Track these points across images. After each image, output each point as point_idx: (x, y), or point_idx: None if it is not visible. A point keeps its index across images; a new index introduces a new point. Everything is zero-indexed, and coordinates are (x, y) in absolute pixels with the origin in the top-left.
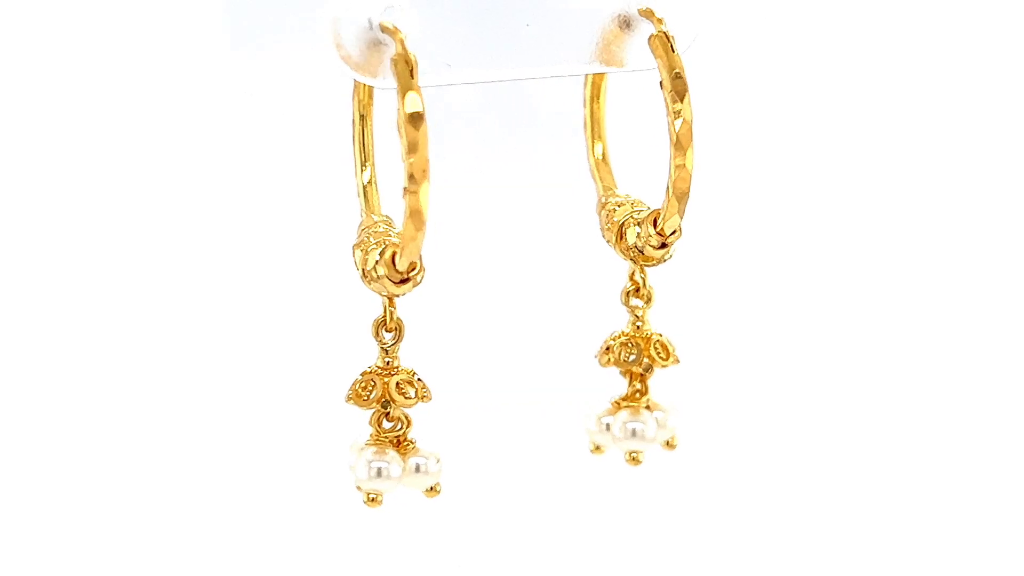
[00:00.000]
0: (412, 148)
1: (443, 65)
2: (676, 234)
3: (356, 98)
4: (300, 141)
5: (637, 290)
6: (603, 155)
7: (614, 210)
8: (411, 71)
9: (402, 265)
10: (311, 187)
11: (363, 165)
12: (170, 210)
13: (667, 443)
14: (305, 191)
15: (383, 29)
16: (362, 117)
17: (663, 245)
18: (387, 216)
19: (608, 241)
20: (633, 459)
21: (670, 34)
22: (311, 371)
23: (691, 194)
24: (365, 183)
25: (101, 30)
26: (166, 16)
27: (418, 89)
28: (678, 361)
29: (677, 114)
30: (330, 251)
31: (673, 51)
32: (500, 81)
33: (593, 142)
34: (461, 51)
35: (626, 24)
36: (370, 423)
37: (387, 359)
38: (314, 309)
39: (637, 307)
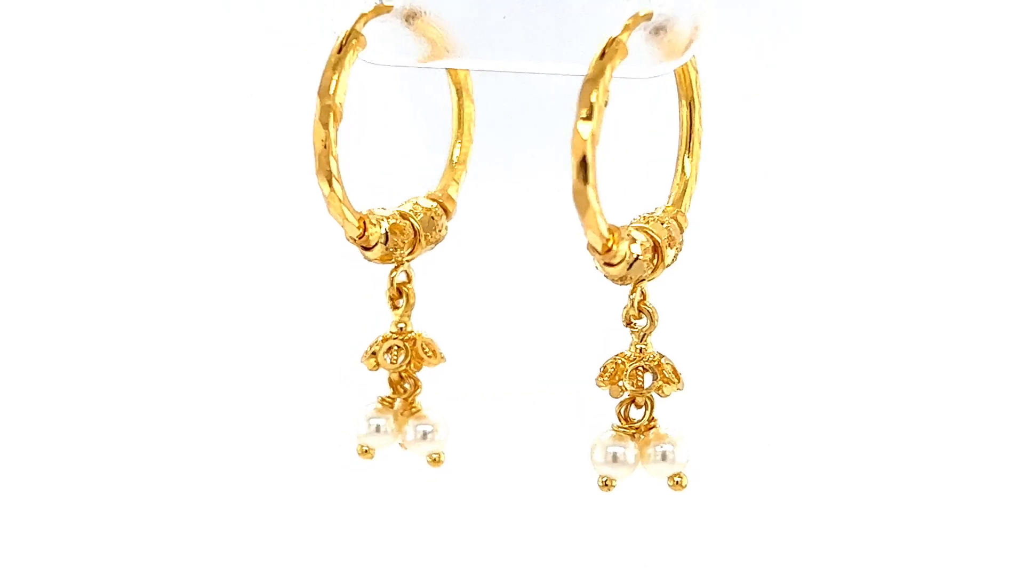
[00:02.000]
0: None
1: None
2: (612, 252)
3: (449, 73)
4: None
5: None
6: (692, 173)
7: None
8: (339, 48)
9: (344, 233)
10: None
11: (455, 141)
12: (193, 203)
13: (673, 480)
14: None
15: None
16: (458, 91)
17: (607, 263)
18: (437, 193)
19: None
20: (604, 484)
21: (619, 41)
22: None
23: (590, 209)
24: (447, 159)
25: (100, 30)
26: (166, 16)
27: (336, 68)
28: (663, 393)
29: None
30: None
31: (601, 59)
32: (488, 72)
33: (683, 153)
34: (447, 37)
35: (655, 30)
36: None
37: (399, 324)
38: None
39: (634, 328)
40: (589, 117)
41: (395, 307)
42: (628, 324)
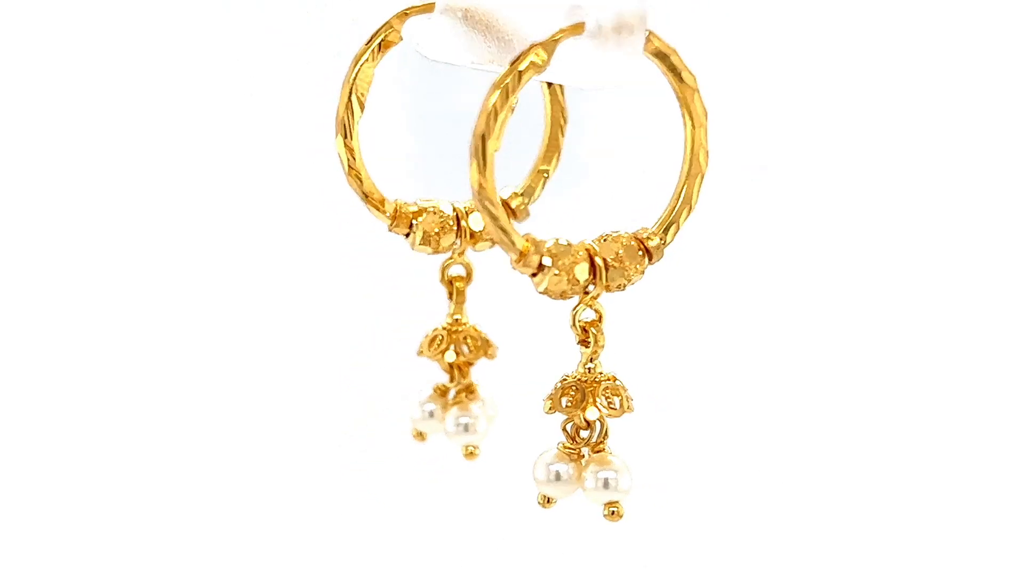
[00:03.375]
0: None
1: None
2: (525, 262)
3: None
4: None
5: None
6: (685, 201)
7: None
8: (367, 41)
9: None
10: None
11: (542, 147)
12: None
13: (608, 509)
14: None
15: None
16: (551, 97)
17: (528, 274)
18: (505, 193)
19: None
20: (547, 501)
21: (535, 49)
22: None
23: (489, 215)
24: (533, 164)
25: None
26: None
27: (362, 61)
28: (580, 419)
29: None
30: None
31: (512, 64)
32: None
33: (681, 180)
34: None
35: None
36: None
37: (454, 316)
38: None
39: (585, 347)
40: (486, 119)
41: (450, 299)
42: (581, 343)
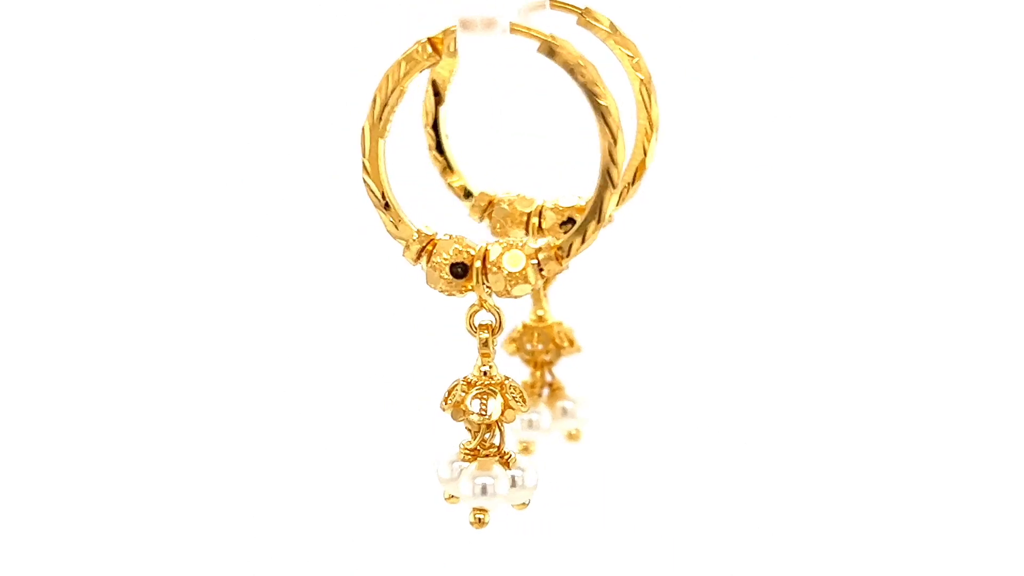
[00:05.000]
0: None
1: None
2: (405, 252)
3: (631, 79)
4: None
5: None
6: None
7: None
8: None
9: None
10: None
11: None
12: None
13: (475, 515)
14: None
15: None
16: (637, 99)
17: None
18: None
19: None
20: (451, 497)
21: (419, 42)
22: None
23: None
24: None
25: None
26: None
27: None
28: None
29: None
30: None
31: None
32: None
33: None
34: None
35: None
36: None
37: (537, 312)
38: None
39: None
40: (371, 107)
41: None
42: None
